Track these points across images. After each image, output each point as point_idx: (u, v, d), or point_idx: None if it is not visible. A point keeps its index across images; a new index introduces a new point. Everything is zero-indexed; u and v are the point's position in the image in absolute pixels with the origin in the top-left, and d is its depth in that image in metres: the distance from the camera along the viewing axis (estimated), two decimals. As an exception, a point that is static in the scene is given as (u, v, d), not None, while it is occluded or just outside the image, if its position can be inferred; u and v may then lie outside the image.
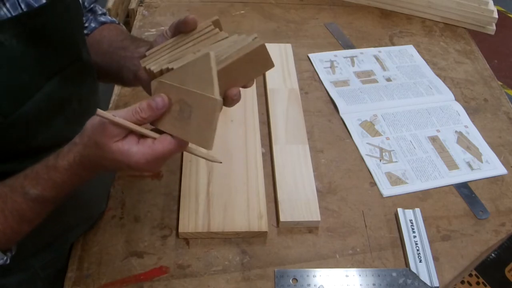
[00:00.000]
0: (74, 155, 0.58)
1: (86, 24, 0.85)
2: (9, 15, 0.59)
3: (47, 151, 0.67)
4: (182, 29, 0.63)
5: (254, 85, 1.05)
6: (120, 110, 0.56)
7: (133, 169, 0.57)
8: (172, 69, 0.58)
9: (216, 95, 0.54)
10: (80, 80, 0.72)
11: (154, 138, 0.56)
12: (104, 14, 0.90)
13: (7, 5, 0.59)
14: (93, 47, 0.81)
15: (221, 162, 0.64)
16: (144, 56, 0.65)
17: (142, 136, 0.57)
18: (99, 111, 0.54)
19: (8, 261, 0.63)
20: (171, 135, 0.57)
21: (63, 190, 0.61)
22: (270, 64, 0.60)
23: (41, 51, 0.63)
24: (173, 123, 0.57)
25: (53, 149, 0.67)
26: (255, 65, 0.59)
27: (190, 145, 0.58)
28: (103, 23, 0.87)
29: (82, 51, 0.72)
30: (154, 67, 0.61)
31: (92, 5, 0.86)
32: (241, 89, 0.61)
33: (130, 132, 0.56)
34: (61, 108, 0.68)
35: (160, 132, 0.58)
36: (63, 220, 0.75)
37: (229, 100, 0.59)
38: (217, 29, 0.63)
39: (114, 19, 0.90)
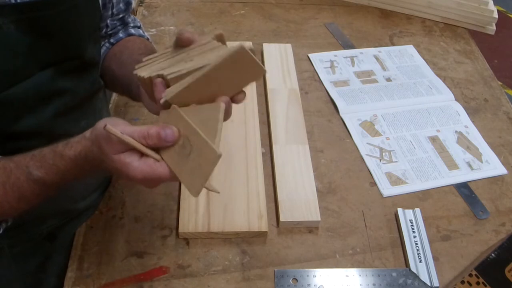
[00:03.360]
0: (81, 148, 0.59)
1: (113, 32, 0.85)
2: (13, 1, 0.60)
3: (29, 138, 0.69)
4: (179, 44, 0.64)
5: (254, 85, 1.06)
6: (129, 127, 0.56)
7: (129, 180, 0.57)
8: (161, 75, 0.58)
9: (217, 147, 0.52)
10: (77, 76, 0.72)
11: (156, 160, 0.56)
12: (138, 27, 0.89)
13: None
14: (115, 57, 0.82)
15: (219, 193, 0.63)
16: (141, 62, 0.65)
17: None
18: (108, 127, 0.54)
19: (1, 231, 0.65)
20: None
21: (65, 178, 0.61)
22: (259, 71, 0.57)
23: (38, 41, 0.64)
24: (172, 154, 0.56)
25: (36, 138, 0.68)
26: (241, 72, 0.56)
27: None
28: (131, 35, 0.87)
29: (86, 50, 0.72)
30: (144, 74, 0.60)
31: (123, 15, 0.85)
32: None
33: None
34: (50, 99, 0.69)
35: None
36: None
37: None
38: (218, 43, 0.61)
39: (144, 34, 0.89)
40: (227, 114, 0.58)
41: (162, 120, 0.58)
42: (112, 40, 0.86)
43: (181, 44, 0.63)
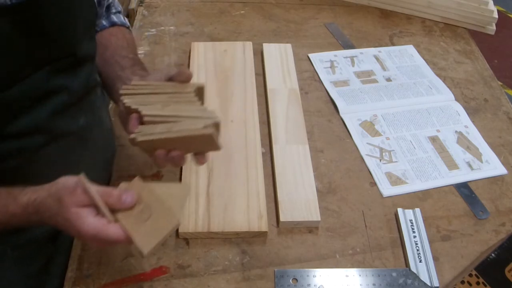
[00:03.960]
0: (36, 196, 0.61)
1: (98, 21, 0.86)
2: (8, 2, 0.60)
3: (26, 137, 0.69)
4: (174, 78, 0.68)
5: (254, 85, 1.06)
6: (97, 186, 0.59)
7: (78, 236, 0.60)
8: (139, 112, 0.65)
9: (178, 216, 0.61)
10: (72, 73, 0.72)
11: (110, 221, 0.59)
12: (118, 12, 0.90)
13: None
14: (99, 52, 0.82)
15: (143, 257, 0.64)
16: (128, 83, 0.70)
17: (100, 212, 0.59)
18: (82, 176, 0.59)
19: None
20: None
21: (11, 221, 0.63)
22: (217, 148, 0.65)
23: (34, 41, 0.64)
24: (128, 217, 0.60)
25: (33, 138, 0.69)
26: (202, 144, 0.65)
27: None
28: (114, 24, 0.87)
29: (81, 47, 0.72)
30: (127, 101, 0.66)
31: (110, 1, 0.86)
32: (241, 90, 0.63)
33: (93, 204, 0.59)
34: (46, 98, 0.70)
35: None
36: None
37: (162, 158, 0.64)
38: (196, 98, 0.68)
39: (125, 21, 0.91)
40: (174, 162, 0.65)
41: (127, 186, 0.62)
42: (97, 29, 0.86)
43: (178, 77, 0.67)
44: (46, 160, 0.73)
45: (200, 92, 0.69)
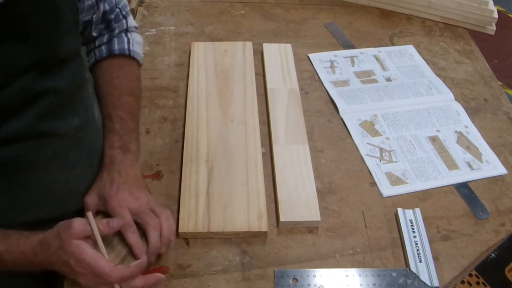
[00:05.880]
0: (43, 236, 0.67)
1: (99, 36, 0.85)
2: None
3: (17, 143, 0.68)
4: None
5: (254, 85, 1.06)
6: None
7: (75, 267, 0.64)
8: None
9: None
10: (57, 73, 0.70)
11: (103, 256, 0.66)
12: (125, 31, 0.88)
13: None
14: (101, 92, 0.83)
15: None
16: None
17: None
18: (90, 214, 0.69)
19: None
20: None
21: (18, 260, 0.66)
22: None
23: (12, 47, 0.63)
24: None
25: (24, 142, 0.68)
26: None
27: None
28: (112, 53, 0.85)
29: (64, 46, 0.70)
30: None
31: (108, 8, 0.84)
32: (241, 90, 0.62)
33: (89, 237, 0.67)
34: (33, 102, 0.68)
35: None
36: (35, 212, 0.75)
37: None
38: None
39: (130, 45, 0.87)
40: None
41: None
42: (96, 54, 0.85)
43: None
44: (43, 164, 0.72)
45: None
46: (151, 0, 1.34)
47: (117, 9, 0.86)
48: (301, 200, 0.85)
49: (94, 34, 0.85)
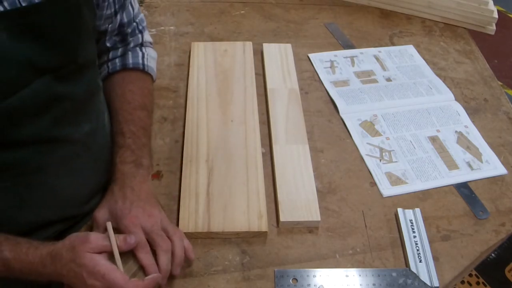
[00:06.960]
0: (53, 248, 0.66)
1: (112, 47, 0.85)
2: (1, 9, 0.59)
3: (29, 146, 0.68)
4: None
5: (254, 85, 1.06)
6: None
7: (86, 280, 0.64)
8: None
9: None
10: (74, 79, 0.71)
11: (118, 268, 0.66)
12: (140, 45, 0.88)
13: (5, 3, 0.59)
14: (113, 105, 0.83)
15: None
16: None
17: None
18: (109, 222, 0.70)
19: None
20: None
21: (26, 269, 0.66)
22: None
23: (34, 48, 0.63)
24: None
25: (36, 146, 0.68)
26: None
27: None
28: (126, 67, 0.85)
29: (82, 52, 0.71)
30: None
31: (126, 21, 0.84)
32: (241, 90, 0.62)
33: (104, 251, 0.67)
34: (49, 107, 0.68)
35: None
36: (40, 213, 0.75)
37: None
38: None
39: (144, 60, 0.86)
40: None
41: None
42: (109, 67, 0.85)
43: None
44: (51, 168, 0.72)
45: None
46: (151, 0, 1.34)
47: (134, 23, 0.86)
48: (301, 200, 0.85)
49: (108, 44, 0.85)
